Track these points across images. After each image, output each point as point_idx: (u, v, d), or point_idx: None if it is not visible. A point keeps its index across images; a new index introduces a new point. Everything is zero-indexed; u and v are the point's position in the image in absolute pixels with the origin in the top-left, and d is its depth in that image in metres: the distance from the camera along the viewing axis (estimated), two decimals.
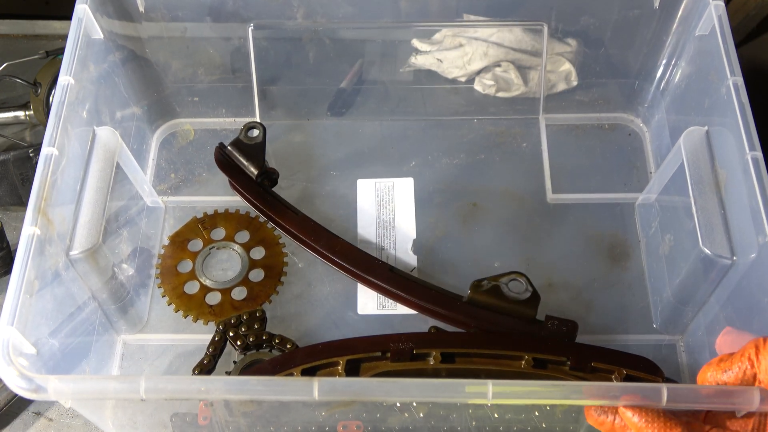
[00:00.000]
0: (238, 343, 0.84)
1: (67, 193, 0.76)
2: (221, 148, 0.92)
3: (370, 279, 0.85)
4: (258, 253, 0.91)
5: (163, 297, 0.89)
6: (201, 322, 0.87)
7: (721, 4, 0.81)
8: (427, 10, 0.95)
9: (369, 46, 0.98)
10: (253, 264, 0.90)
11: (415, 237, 0.92)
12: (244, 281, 0.89)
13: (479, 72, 0.97)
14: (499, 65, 0.97)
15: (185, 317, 0.87)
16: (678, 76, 0.92)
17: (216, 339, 0.84)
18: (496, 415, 0.78)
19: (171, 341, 0.87)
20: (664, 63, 0.94)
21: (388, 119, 1.01)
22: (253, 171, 0.91)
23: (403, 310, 0.87)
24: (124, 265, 0.86)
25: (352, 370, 0.77)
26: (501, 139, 0.99)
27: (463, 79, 0.97)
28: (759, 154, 0.72)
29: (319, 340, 0.85)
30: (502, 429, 0.79)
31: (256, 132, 0.92)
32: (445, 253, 0.92)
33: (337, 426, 0.80)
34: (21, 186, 0.97)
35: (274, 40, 0.95)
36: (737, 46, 0.79)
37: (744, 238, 0.72)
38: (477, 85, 0.97)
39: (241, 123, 0.94)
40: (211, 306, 0.88)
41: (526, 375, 0.78)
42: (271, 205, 0.90)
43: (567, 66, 0.97)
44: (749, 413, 0.63)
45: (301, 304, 0.89)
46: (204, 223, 0.93)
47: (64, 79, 0.78)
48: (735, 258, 0.73)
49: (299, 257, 0.91)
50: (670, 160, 0.83)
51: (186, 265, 0.91)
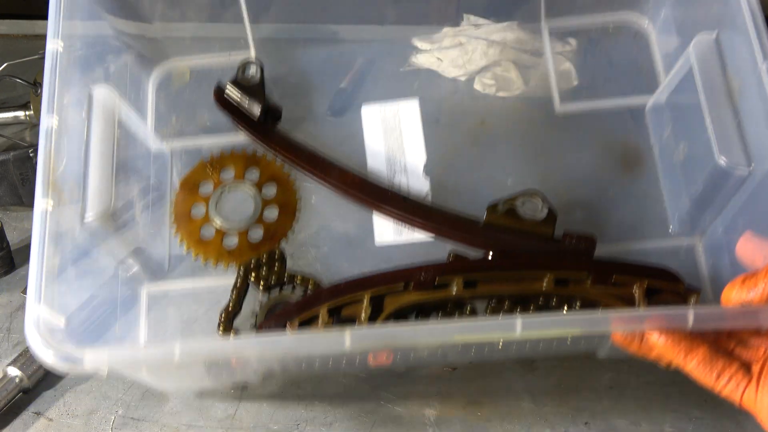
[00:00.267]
0: (261, 284, 0.85)
1: (74, 160, 0.75)
2: (220, 89, 0.91)
3: (385, 210, 0.85)
4: (270, 190, 0.91)
5: (180, 244, 0.89)
6: (221, 265, 0.88)
7: None
8: (427, 10, 0.94)
9: (369, 46, 0.96)
10: (266, 202, 0.90)
11: (425, 160, 0.92)
12: (260, 220, 0.89)
13: (479, 71, 0.95)
14: (499, 64, 0.95)
15: (205, 262, 0.88)
16: None
17: (238, 283, 0.85)
18: None
19: (193, 287, 0.88)
20: None
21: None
22: (254, 110, 0.89)
23: (420, 235, 0.87)
24: (139, 218, 0.86)
25: (377, 305, 0.78)
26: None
27: (463, 78, 0.95)
28: None
29: (339, 273, 0.85)
30: (528, 346, 0.81)
31: (252, 70, 0.90)
32: (457, 174, 0.91)
33: (367, 356, 0.81)
34: (21, 186, 0.96)
35: None
36: None
37: (761, 146, 0.72)
38: (477, 85, 0.95)
39: (237, 58, 0.92)
40: (229, 249, 0.88)
41: (548, 294, 0.79)
42: (277, 143, 0.89)
43: (567, 65, 0.95)
44: None
45: (318, 239, 0.89)
46: (212, 165, 0.92)
47: (53, 43, 0.75)
48: (753, 166, 0.72)
49: (311, 191, 0.91)
50: (680, 67, 0.81)
51: (199, 210, 0.90)
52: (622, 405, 0.84)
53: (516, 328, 0.64)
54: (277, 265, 0.86)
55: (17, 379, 0.87)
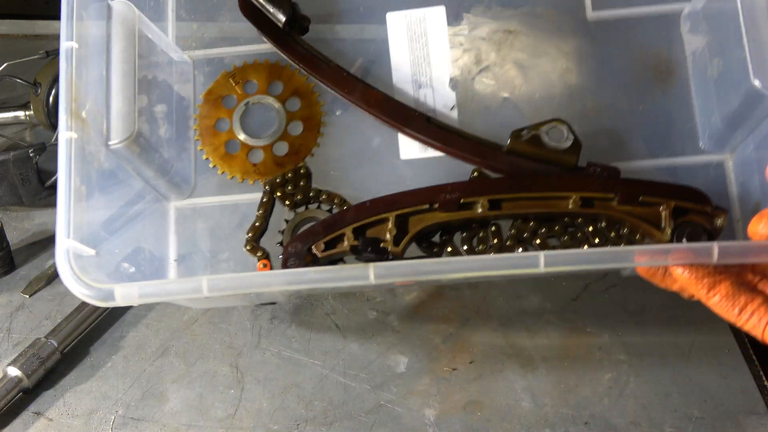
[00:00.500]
0: (287, 202, 0.85)
1: (94, 84, 0.75)
2: None
3: (408, 132, 0.84)
4: (294, 104, 0.90)
5: (206, 159, 0.89)
6: (247, 181, 0.88)
7: None
8: None
9: (369, 45, 0.92)
10: (290, 117, 0.89)
11: (451, 71, 0.90)
12: (284, 135, 0.89)
13: (480, 71, 0.90)
14: (499, 64, 0.89)
15: (231, 178, 0.88)
16: None
17: (264, 200, 0.86)
18: None
19: (220, 202, 0.88)
20: None
21: None
22: (280, 18, 0.87)
23: None
24: (163, 135, 0.86)
25: (402, 225, 0.79)
26: None
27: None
28: None
29: (364, 189, 0.85)
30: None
31: None
32: (483, 85, 0.89)
33: None
34: (21, 186, 0.96)
35: None
36: None
37: None
38: (477, 85, 0.90)
39: None
40: (254, 164, 0.88)
41: (574, 214, 0.79)
42: (301, 56, 0.87)
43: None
44: None
45: (343, 154, 0.89)
46: (235, 77, 0.91)
47: None
48: None
49: (336, 105, 0.89)
50: None
51: (224, 124, 0.90)
52: (622, 405, 0.85)
53: (540, 263, 0.65)
54: (302, 181, 0.86)
55: (17, 379, 0.89)
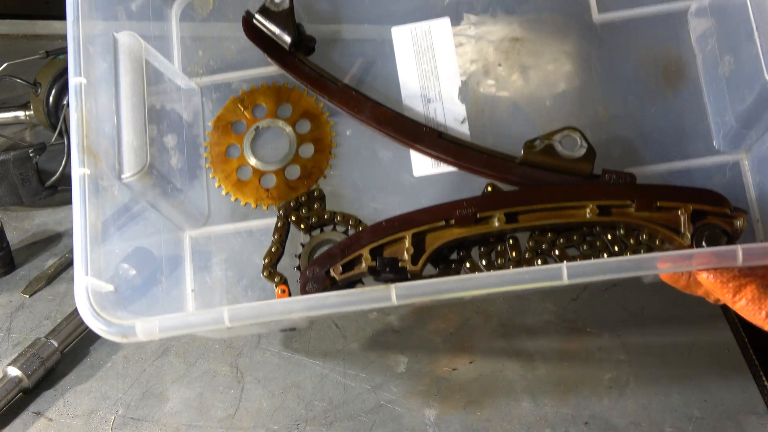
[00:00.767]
0: (302, 225, 0.85)
1: (105, 118, 0.74)
2: (249, 17, 0.88)
3: (420, 148, 0.84)
4: (304, 126, 0.89)
5: (218, 187, 0.89)
6: (261, 206, 0.87)
7: None
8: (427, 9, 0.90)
9: (369, 45, 0.92)
10: (301, 139, 0.89)
11: (460, 84, 0.89)
12: (296, 159, 0.88)
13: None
14: (499, 64, 0.89)
15: (244, 204, 0.88)
16: None
17: (279, 225, 0.85)
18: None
19: (235, 229, 0.88)
20: None
21: None
22: (285, 40, 0.87)
23: None
24: (175, 165, 0.86)
25: (419, 243, 0.78)
26: None
27: (463, 78, 0.90)
28: None
29: (379, 208, 0.85)
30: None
31: None
32: (493, 96, 0.89)
33: None
34: (21, 186, 0.96)
35: None
36: None
37: None
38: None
39: None
40: (267, 189, 0.88)
41: (592, 224, 0.78)
42: (308, 76, 0.87)
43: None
44: None
45: (355, 174, 0.88)
46: (243, 102, 0.91)
47: None
48: None
49: (345, 125, 0.89)
50: None
51: (234, 150, 0.90)
52: (622, 405, 0.85)
53: (563, 275, 0.64)
54: (316, 204, 0.85)
55: (17, 379, 0.89)
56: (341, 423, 0.86)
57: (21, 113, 1.06)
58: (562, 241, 0.79)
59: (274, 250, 0.84)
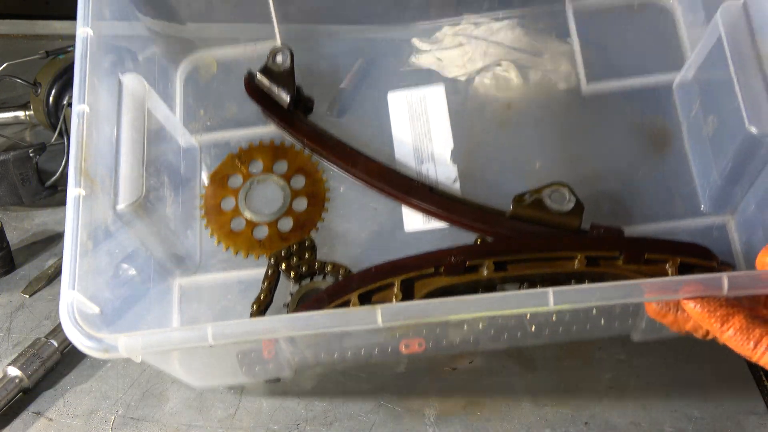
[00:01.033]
0: (292, 274, 0.85)
1: (105, 147, 0.76)
2: (251, 77, 0.91)
3: (411, 203, 0.85)
4: (298, 182, 0.91)
5: (211, 237, 0.89)
6: (252, 257, 0.88)
7: None
8: (427, 9, 0.95)
9: (369, 45, 0.97)
10: (295, 193, 0.91)
11: (453, 146, 0.92)
12: (289, 212, 0.90)
13: (479, 71, 0.95)
14: (499, 64, 0.95)
15: (236, 254, 0.88)
16: None
17: (269, 273, 0.85)
18: (555, 318, 0.79)
19: (225, 279, 0.88)
20: None
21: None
22: (284, 98, 0.90)
23: None
24: (170, 212, 0.87)
25: (408, 289, 0.78)
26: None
27: (463, 78, 0.95)
28: None
29: (370, 262, 0.85)
30: (561, 329, 0.80)
31: (282, 57, 0.90)
32: (484, 159, 0.91)
33: (399, 345, 0.81)
34: (21, 186, 0.97)
35: None
36: None
37: None
38: (477, 85, 0.95)
39: (261, 48, 0.92)
40: (259, 240, 0.89)
41: (580, 275, 0.78)
42: (305, 134, 0.90)
43: (568, 66, 0.94)
44: None
45: (347, 228, 0.89)
46: (240, 158, 0.93)
47: (83, 31, 0.77)
48: None
49: (339, 181, 0.91)
50: (707, 37, 0.80)
51: (229, 202, 0.91)
52: (622, 405, 0.83)
53: (549, 301, 0.64)
54: (307, 254, 0.86)
55: (17, 379, 0.88)
56: (341, 423, 0.84)
57: (21, 113, 1.07)
58: None
59: (263, 297, 0.84)
